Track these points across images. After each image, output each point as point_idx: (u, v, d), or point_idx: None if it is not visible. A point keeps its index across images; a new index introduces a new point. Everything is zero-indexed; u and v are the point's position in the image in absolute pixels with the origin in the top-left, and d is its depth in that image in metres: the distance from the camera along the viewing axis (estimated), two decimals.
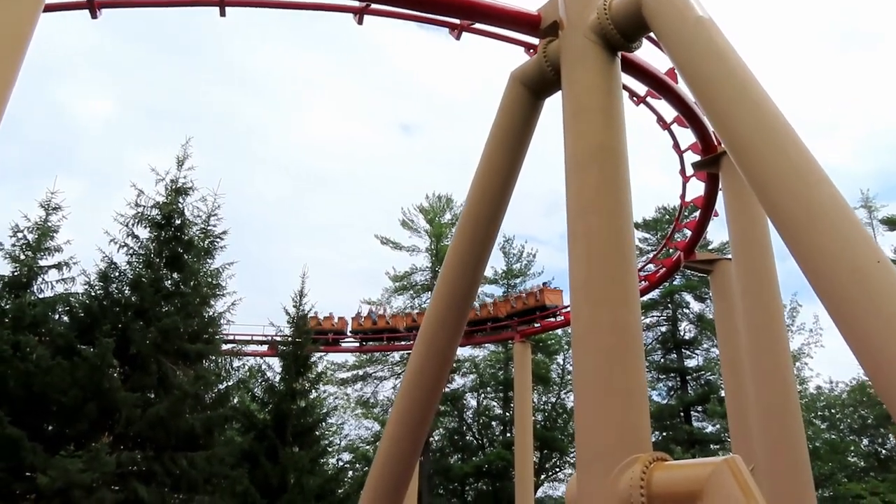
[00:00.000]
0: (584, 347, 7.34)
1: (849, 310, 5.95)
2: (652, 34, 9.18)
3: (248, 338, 33.94)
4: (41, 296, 17.18)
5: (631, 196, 8.24)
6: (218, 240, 19.98)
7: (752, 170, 7.31)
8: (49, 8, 10.34)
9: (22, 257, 17.16)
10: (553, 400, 48.54)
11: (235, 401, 21.64)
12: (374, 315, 36.74)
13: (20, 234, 17.43)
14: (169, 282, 17.97)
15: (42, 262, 17.55)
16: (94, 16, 10.61)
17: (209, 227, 19.78)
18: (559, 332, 43.97)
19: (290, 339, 24.70)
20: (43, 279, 17.44)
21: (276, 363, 24.60)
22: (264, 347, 31.87)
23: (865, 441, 38.91)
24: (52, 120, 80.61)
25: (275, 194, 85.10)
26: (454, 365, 49.03)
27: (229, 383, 20.21)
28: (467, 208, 10.79)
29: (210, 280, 19.59)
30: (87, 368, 14.98)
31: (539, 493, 44.00)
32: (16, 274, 16.93)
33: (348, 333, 36.17)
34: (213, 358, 19.61)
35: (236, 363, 20.92)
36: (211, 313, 19.30)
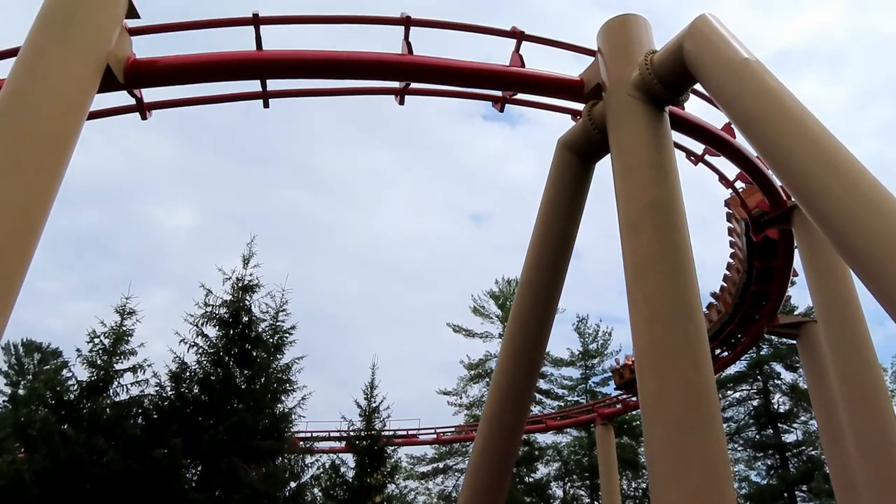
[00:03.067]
0: (653, 418, 6.68)
1: None
2: (699, 85, 8.92)
3: (324, 434, 33.76)
4: (116, 399, 17.46)
5: (692, 252, 7.70)
6: (287, 335, 20.02)
7: (824, 213, 6.70)
8: (97, 115, 10.92)
9: (98, 362, 17.60)
10: (644, 485, 45.77)
11: (309, 499, 21.11)
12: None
13: (97, 340, 17.93)
14: (239, 379, 18.03)
15: (117, 366, 17.92)
16: (144, 117, 11.14)
17: (278, 323, 19.91)
18: None
19: (362, 432, 24.37)
20: (118, 382, 17.76)
21: (349, 458, 24.36)
22: (341, 444, 31.49)
23: None
24: (140, 233, 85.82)
25: (352, 289, 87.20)
26: (536, 453, 47.15)
27: (302, 481, 19.73)
28: (524, 278, 10.44)
29: (280, 375, 19.54)
30: (158, 470, 14.93)
31: None
32: (93, 379, 17.33)
33: None
34: (285, 455, 19.29)
35: (309, 459, 20.40)
36: (282, 409, 19.14)
